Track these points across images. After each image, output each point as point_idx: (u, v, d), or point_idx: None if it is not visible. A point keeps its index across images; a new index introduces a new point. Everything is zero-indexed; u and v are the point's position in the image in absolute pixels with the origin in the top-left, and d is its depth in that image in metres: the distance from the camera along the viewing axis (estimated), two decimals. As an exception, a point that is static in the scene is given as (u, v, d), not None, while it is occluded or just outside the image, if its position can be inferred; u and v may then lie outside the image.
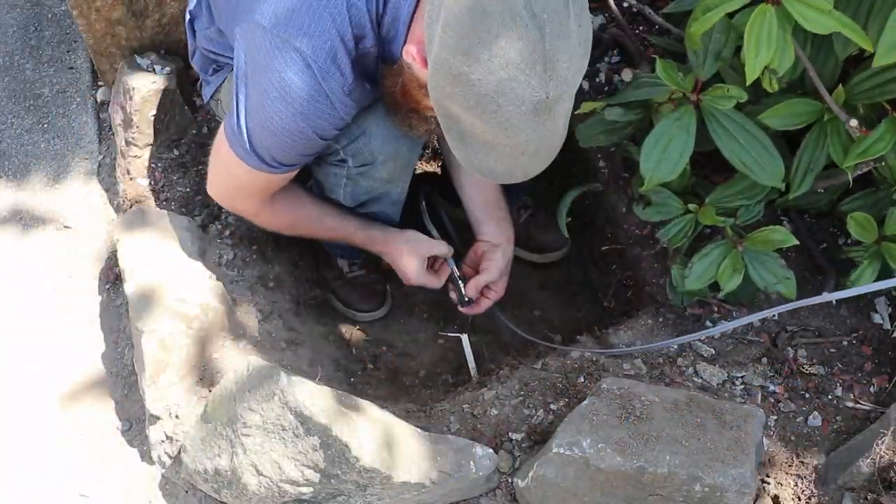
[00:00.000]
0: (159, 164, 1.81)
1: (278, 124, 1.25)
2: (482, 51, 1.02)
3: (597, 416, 1.26)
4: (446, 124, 1.15)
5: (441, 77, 1.08)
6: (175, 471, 1.39)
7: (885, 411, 1.35)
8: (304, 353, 1.63)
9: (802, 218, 1.67)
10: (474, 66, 1.03)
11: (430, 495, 1.30)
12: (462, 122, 1.12)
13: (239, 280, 1.66)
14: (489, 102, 1.06)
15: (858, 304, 1.58)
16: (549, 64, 1.03)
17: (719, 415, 1.27)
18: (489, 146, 1.13)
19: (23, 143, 1.97)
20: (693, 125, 1.36)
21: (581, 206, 1.95)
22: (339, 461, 1.22)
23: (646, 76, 1.49)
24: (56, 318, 1.69)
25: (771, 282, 1.45)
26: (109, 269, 1.74)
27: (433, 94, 1.12)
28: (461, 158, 1.18)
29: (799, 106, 1.34)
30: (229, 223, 1.75)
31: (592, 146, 1.71)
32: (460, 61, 1.04)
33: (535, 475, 1.26)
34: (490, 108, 1.06)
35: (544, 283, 2.04)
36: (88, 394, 1.58)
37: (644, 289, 1.72)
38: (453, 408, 1.46)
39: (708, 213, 1.48)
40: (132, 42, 1.85)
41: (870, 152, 1.25)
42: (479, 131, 1.11)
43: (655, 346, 1.49)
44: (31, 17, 2.20)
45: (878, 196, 1.49)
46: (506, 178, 1.20)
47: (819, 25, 1.15)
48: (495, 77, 1.03)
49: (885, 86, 1.29)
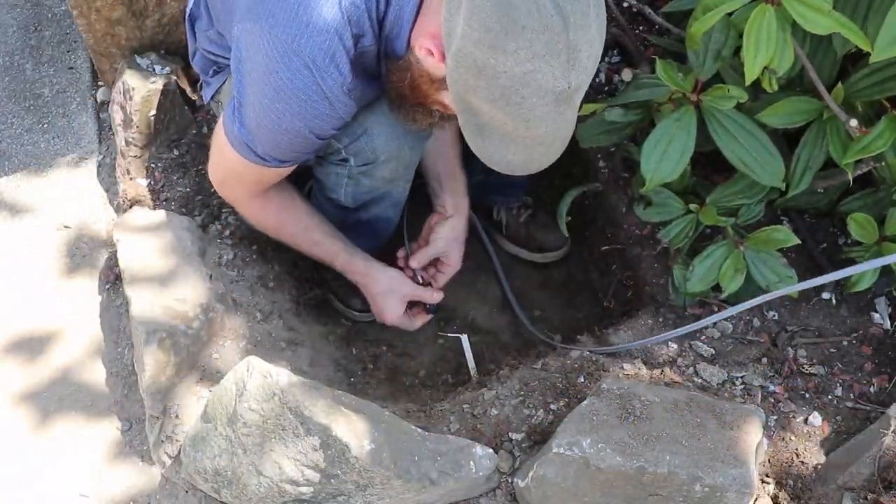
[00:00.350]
0: (159, 164, 1.81)
1: (275, 123, 1.25)
2: (508, 43, 1.03)
3: (597, 416, 1.26)
4: (465, 118, 1.16)
5: (464, 70, 1.09)
6: (175, 471, 1.39)
7: (885, 411, 1.35)
8: (304, 353, 1.63)
9: (802, 218, 1.67)
10: (500, 58, 1.04)
11: (430, 495, 1.30)
12: (482, 114, 1.13)
13: (239, 280, 1.66)
14: (513, 94, 1.07)
15: (858, 304, 1.58)
16: (572, 54, 1.04)
17: (719, 415, 1.27)
18: (508, 138, 1.14)
19: (23, 143, 1.97)
20: (693, 125, 1.36)
21: (581, 206, 1.95)
22: (339, 461, 1.22)
23: (646, 76, 1.49)
24: (56, 318, 1.69)
25: (773, 281, 1.45)
26: (109, 269, 1.74)
27: (454, 87, 1.13)
28: (478, 151, 1.19)
29: (798, 104, 1.34)
30: (229, 223, 1.75)
31: (592, 146, 1.71)
32: (486, 54, 1.05)
33: (535, 475, 1.26)
34: (514, 99, 1.08)
35: (544, 283, 2.04)
36: (88, 393, 1.58)
37: (644, 289, 1.72)
38: (453, 408, 1.46)
39: (709, 213, 1.48)
40: (132, 42, 1.85)
41: (869, 150, 1.25)
42: (500, 123, 1.12)
43: (656, 340, 1.48)
44: (31, 17, 2.20)
45: (878, 196, 1.49)
46: (520, 170, 1.21)
47: (818, 26, 1.15)
48: (521, 68, 1.04)
49: (884, 83, 1.29)
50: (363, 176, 1.49)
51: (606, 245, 1.86)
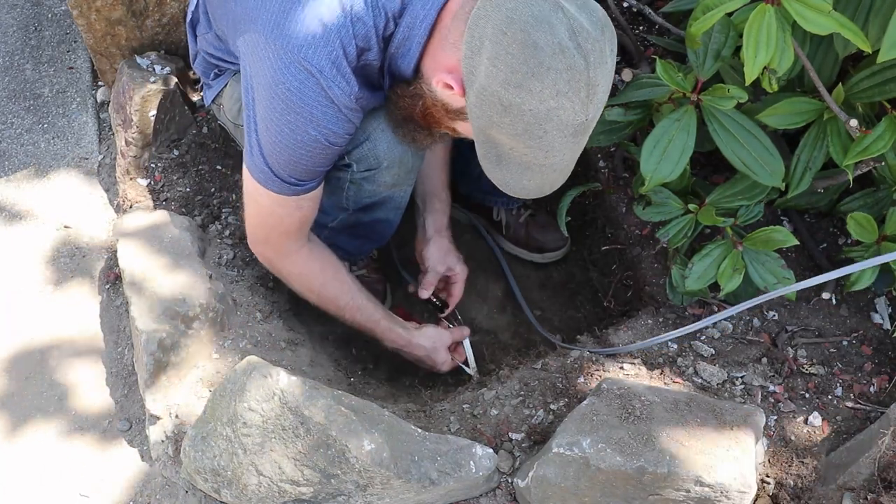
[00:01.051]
0: (159, 164, 1.81)
1: (289, 136, 1.26)
2: (534, 83, 1.08)
3: (597, 416, 1.26)
4: (485, 149, 1.21)
5: (489, 107, 1.13)
6: (175, 471, 1.39)
7: (885, 411, 1.35)
8: (304, 353, 1.63)
9: (802, 218, 1.67)
10: (526, 97, 1.09)
11: (430, 495, 1.30)
12: (503, 146, 1.18)
13: (239, 280, 1.66)
14: (536, 128, 1.12)
15: (859, 304, 1.58)
16: (591, 90, 1.10)
17: (719, 415, 1.27)
18: (525, 166, 1.19)
19: (23, 143, 1.97)
20: (693, 125, 1.36)
21: (581, 206, 1.95)
22: (339, 461, 1.22)
23: (646, 76, 1.49)
24: (56, 318, 1.69)
25: (771, 282, 1.45)
26: (109, 269, 1.74)
27: (477, 123, 1.17)
28: (494, 178, 1.24)
29: (798, 105, 1.34)
30: (229, 223, 1.75)
31: (593, 146, 1.71)
32: (512, 94, 1.09)
33: (535, 475, 1.26)
34: (537, 133, 1.13)
35: (544, 283, 2.04)
36: (88, 393, 1.58)
37: (644, 289, 1.72)
38: (453, 408, 1.46)
39: (708, 214, 1.48)
40: (132, 42, 1.85)
41: (869, 151, 1.25)
42: (519, 154, 1.17)
43: (655, 341, 1.48)
44: (31, 17, 2.20)
45: (879, 196, 1.49)
46: (535, 194, 1.25)
47: (818, 26, 1.15)
48: (545, 106, 1.09)
49: (885, 85, 1.29)
50: (365, 181, 1.49)
51: (606, 245, 1.86)
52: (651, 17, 1.74)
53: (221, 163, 1.86)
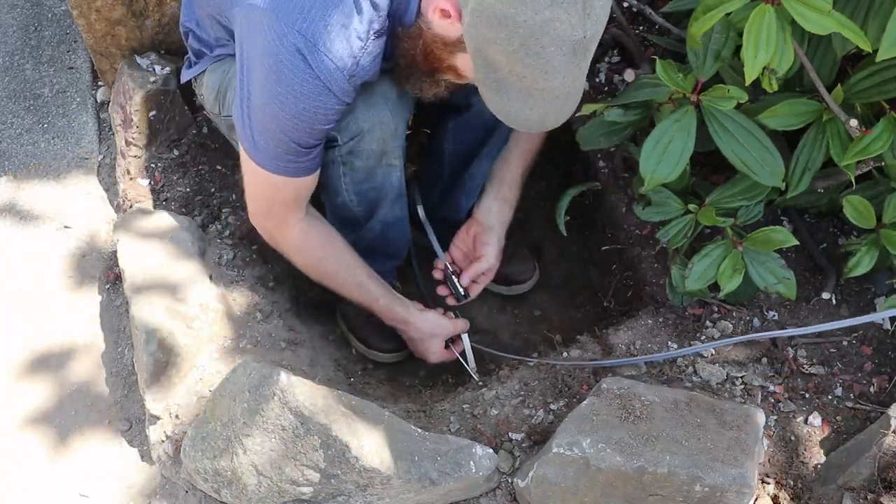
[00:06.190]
0: (159, 164, 1.81)
1: (278, 108, 1.26)
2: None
3: (597, 416, 1.26)
4: (483, 74, 1.20)
5: (483, 23, 1.13)
6: (175, 471, 1.39)
7: (885, 411, 1.35)
8: (304, 353, 1.63)
9: (802, 218, 1.67)
10: (520, 7, 1.09)
11: (430, 495, 1.30)
12: (501, 68, 1.17)
13: (239, 280, 1.66)
14: (533, 43, 1.11)
15: (859, 304, 1.57)
16: (587, 3, 1.10)
17: (719, 415, 1.27)
18: (526, 93, 1.18)
19: (23, 143, 1.97)
20: (693, 125, 1.36)
21: (581, 206, 1.95)
22: (339, 461, 1.22)
23: (646, 77, 1.49)
24: (56, 317, 1.69)
25: (771, 282, 1.45)
26: (109, 269, 1.74)
27: (473, 43, 1.17)
28: (495, 109, 1.23)
29: (797, 106, 1.34)
30: (229, 223, 1.75)
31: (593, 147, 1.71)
32: (506, 4, 1.09)
33: (535, 475, 1.26)
34: (534, 49, 1.12)
35: (544, 283, 2.04)
36: (88, 393, 1.58)
37: (644, 289, 1.72)
38: (453, 408, 1.46)
39: (708, 214, 1.47)
40: (132, 42, 1.85)
41: (869, 151, 1.25)
42: (518, 77, 1.17)
43: (656, 358, 1.48)
44: (31, 17, 2.20)
45: (878, 189, 1.48)
46: (537, 126, 1.25)
47: (818, 26, 1.15)
48: (540, 17, 1.09)
49: (884, 85, 1.30)
50: (354, 157, 1.47)
51: (606, 245, 1.86)
52: (651, 17, 1.74)
53: (221, 163, 1.87)
